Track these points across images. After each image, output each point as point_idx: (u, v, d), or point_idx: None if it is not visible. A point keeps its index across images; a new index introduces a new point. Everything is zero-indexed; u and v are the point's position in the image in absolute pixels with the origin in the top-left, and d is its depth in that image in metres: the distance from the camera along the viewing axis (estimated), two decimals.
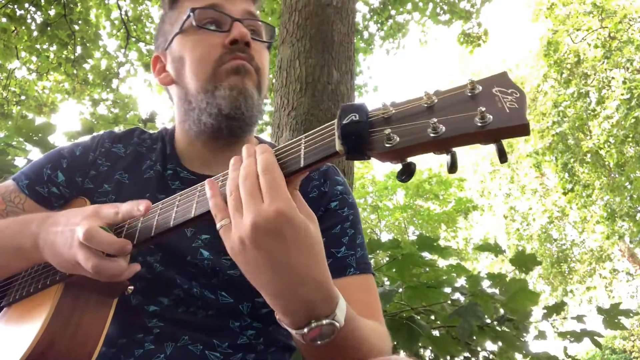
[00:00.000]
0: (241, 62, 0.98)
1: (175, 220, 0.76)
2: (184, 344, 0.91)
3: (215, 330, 0.94)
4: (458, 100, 0.58)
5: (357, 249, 1.00)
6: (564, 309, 2.46)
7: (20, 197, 1.03)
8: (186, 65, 1.00)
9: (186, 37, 1.01)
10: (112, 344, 0.90)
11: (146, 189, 1.02)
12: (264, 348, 0.98)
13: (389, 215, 15.89)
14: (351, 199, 1.07)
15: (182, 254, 0.95)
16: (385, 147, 0.58)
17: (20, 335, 0.81)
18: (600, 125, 12.20)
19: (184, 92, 1.01)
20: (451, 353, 2.20)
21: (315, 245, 0.66)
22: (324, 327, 0.67)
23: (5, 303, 0.94)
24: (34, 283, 0.90)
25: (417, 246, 2.37)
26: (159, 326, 0.91)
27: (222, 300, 0.95)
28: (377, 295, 1.01)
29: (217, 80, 0.97)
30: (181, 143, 1.09)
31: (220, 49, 0.98)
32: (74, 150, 1.09)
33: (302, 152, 0.66)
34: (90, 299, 0.83)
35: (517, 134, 0.53)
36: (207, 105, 0.97)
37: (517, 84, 0.57)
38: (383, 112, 0.61)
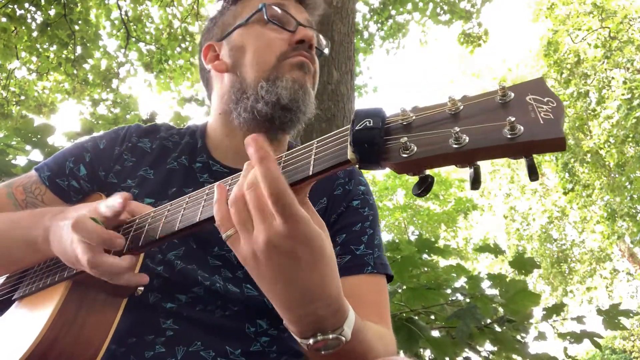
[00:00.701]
0: (306, 60, 1.02)
1: (181, 223, 0.74)
2: (196, 349, 0.90)
3: (230, 334, 0.93)
4: (486, 107, 0.52)
5: (375, 249, 1.01)
6: (563, 310, 2.46)
7: (40, 189, 1.04)
8: (247, 54, 1.03)
9: (250, 29, 1.05)
10: (122, 343, 0.89)
11: (170, 183, 1.03)
12: (276, 356, 0.97)
13: (389, 215, 15.89)
14: (372, 200, 1.10)
15: (208, 245, 0.95)
16: (401, 157, 0.53)
17: (25, 331, 0.81)
18: (600, 125, 12.20)
19: (239, 81, 1.03)
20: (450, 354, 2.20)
21: (328, 261, 0.63)
22: (330, 340, 0.66)
23: (17, 296, 0.94)
24: (44, 278, 0.90)
25: (416, 248, 2.36)
26: (173, 328, 0.91)
27: (247, 292, 0.94)
28: (387, 297, 1.02)
29: (280, 71, 1.00)
30: (217, 135, 1.09)
31: (285, 44, 1.02)
32: (97, 143, 1.08)
33: (312, 159, 0.62)
34: (97, 298, 0.83)
35: (551, 149, 0.47)
36: (267, 94, 0.98)
37: (554, 91, 0.51)
38: (402, 119, 0.56)
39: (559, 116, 0.48)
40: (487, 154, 0.50)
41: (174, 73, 7.46)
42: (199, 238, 0.96)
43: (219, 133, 1.09)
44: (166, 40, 7.22)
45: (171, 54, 7.29)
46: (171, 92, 7.70)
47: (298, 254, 0.59)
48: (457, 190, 16.31)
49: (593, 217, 14.17)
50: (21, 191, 1.04)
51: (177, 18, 7.33)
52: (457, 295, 2.50)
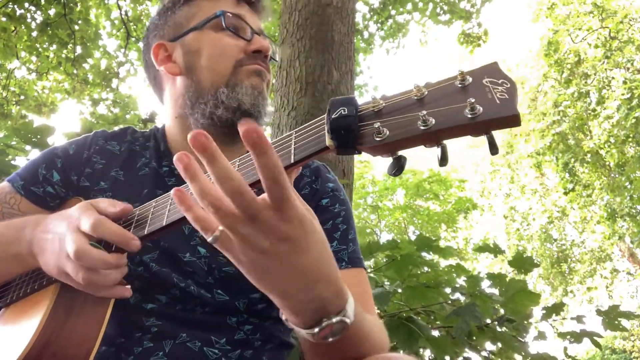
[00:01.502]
0: (262, 68, 1.05)
1: (168, 218, 0.75)
2: (182, 341, 0.91)
3: (212, 327, 0.94)
4: (448, 92, 0.57)
5: (349, 243, 1.02)
6: (563, 309, 2.46)
7: (15, 198, 1.03)
8: (202, 59, 1.03)
9: (206, 34, 1.06)
10: (111, 343, 0.90)
11: (143, 185, 1.03)
12: (261, 344, 0.98)
13: (389, 215, 15.89)
14: (342, 195, 1.09)
15: (178, 252, 0.96)
16: (375, 140, 0.57)
17: (16, 336, 0.81)
18: (600, 125, 12.20)
19: (194, 85, 1.03)
20: (450, 354, 2.20)
21: (322, 240, 0.65)
22: (335, 324, 0.66)
23: (2, 304, 0.94)
24: (31, 283, 0.89)
25: (415, 246, 2.36)
26: (156, 325, 0.92)
27: (218, 298, 0.95)
28: (369, 289, 1.03)
29: (237, 77, 1.02)
30: (176, 139, 1.09)
31: (241, 52, 1.04)
32: (67, 149, 1.09)
33: (292, 148, 0.65)
34: (87, 299, 0.83)
35: (507, 125, 0.53)
36: (227, 99, 1.00)
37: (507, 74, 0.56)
38: (373, 106, 0.60)
39: (513, 95, 0.53)
40: (452, 133, 0.55)
41: None
42: (171, 243, 0.96)
43: (178, 137, 1.09)
44: None
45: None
46: None
47: (293, 236, 0.60)
48: (457, 190, 16.31)
49: (593, 217, 14.17)
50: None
51: None
52: (456, 295, 2.50)
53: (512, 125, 0.53)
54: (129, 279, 0.83)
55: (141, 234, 0.78)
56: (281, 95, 3.18)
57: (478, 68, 0.58)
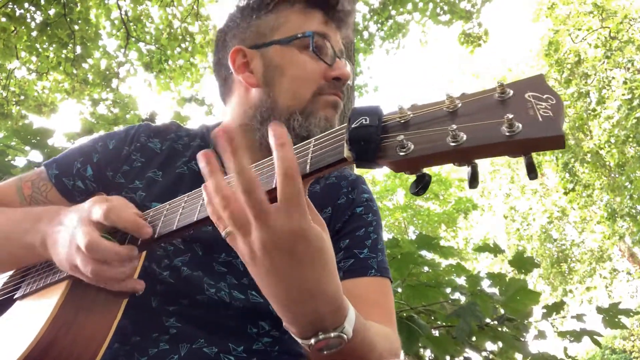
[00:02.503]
0: (339, 100, 1.02)
1: (179, 223, 0.74)
2: (200, 346, 0.90)
3: (232, 334, 0.93)
4: (485, 105, 0.51)
5: (378, 252, 1.02)
6: (563, 308, 2.46)
7: (46, 186, 1.04)
8: (284, 78, 0.99)
9: (289, 50, 1.01)
10: (126, 341, 0.89)
11: (178, 187, 1.01)
12: (277, 355, 0.97)
13: (389, 215, 15.89)
14: (375, 207, 1.11)
15: (214, 251, 0.95)
16: (398, 155, 0.52)
17: (24, 330, 0.81)
18: (600, 125, 12.20)
19: (270, 102, 0.99)
20: (451, 353, 2.19)
21: (327, 257, 0.62)
22: (332, 339, 0.65)
23: (18, 295, 0.94)
24: (44, 277, 0.90)
25: (416, 245, 2.36)
26: (176, 326, 0.91)
27: (253, 299, 0.94)
28: (392, 298, 1.02)
29: (314, 106, 0.98)
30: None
31: (321, 77, 1.00)
32: (107, 143, 1.07)
33: (309, 157, 0.61)
34: (97, 298, 0.82)
35: (550, 147, 0.47)
36: (299, 127, 0.96)
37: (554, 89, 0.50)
38: (399, 117, 0.55)
39: (558, 113, 0.47)
40: (485, 152, 0.49)
41: (174, 73, 7.46)
42: (205, 244, 0.96)
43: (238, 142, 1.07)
44: (166, 40, 7.22)
45: (171, 54, 7.29)
46: (171, 92, 7.70)
47: (296, 250, 0.59)
48: (457, 190, 16.31)
49: (593, 217, 14.17)
50: (29, 186, 1.04)
51: (177, 18, 7.33)
52: (457, 294, 2.50)
53: (555, 148, 0.47)
54: (153, 282, 0.83)
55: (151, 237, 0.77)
56: None
57: (521, 80, 0.52)
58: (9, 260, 0.96)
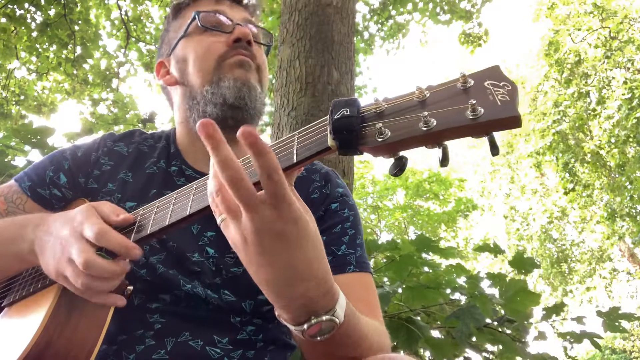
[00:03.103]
0: (245, 58, 1.04)
1: (172, 217, 0.76)
2: (185, 339, 0.91)
3: (215, 326, 0.95)
4: (450, 94, 0.58)
5: (356, 248, 1.03)
6: (563, 310, 2.46)
7: (21, 198, 1.04)
8: (190, 63, 1.06)
9: (190, 39, 1.08)
10: (112, 341, 0.90)
11: (151, 185, 1.04)
12: (263, 345, 0.99)
13: (389, 215, 15.89)
14: (351, 201, 1.11)
15: (186, 252, 0.96)
16: (377, 141, 0.58)
17: (18, 335, 0.81)
18: (601, 125, 12.20)
19: (188, 90, 1.06)
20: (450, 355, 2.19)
21: (316, 241, 0.65)
22: (324, 323, 0.67)
23: (6, 303, 0.94)
24: (34, 283, 0.90)
25: (415, 247, 2.36)
26: (160, 322, 0.92)
27: (225, 299, 0.96)
28: (375, 293, 1.03)
29: (221, 72, 1.02)
30: (184, 143, 1.12)
31: (224, 46, 1.05)
32: (75, 151, 1.10)
33: (295, 148, 0.65)
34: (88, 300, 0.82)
35: (508, 126, 0.53)
36: (212, 96, 1.01)
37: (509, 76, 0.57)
38: (375, 107, 0.61)
39: (514, 97, 0.54)
40: (453, 133, 0.55)
41: None
42: (178, 245, 0.97)
43: (185, 141, 1.11)
44: None
45: None
46: None
47: (286, 234, 0.61)
48: (457, 190, 16.31)
49: (593, 217, 14.17)
50: (2, 201, 1.04)
51: None
52: (456, 295, 2.50)
53: (512, 127, 0.53)
54: (132, 280, 0.83)
55: (143, 234, 0.79)
56: (281, 95, 3.18)
57: (480, 71, 0.59)
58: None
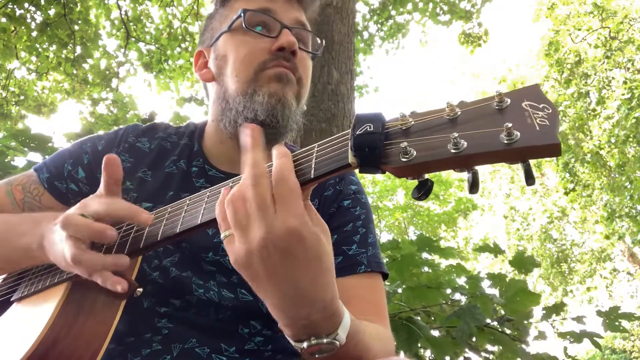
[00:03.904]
0: (285, 71, 0.96)
1: (182, 225, 0.74)
2: (192, 346, 0.90)
3: (224, 334, 0.93)
4: (483, 113, 0.53)
5: (368, 247, 1.00)
6: (563, 310, 2.46)
7: (38, 189, 1.03)
8: (229, 65, 0.99)
9: (233, 37, 1.00)
10: (120, 342, 0.90)
11: (168, 186, 1.01)
12: (271, 355, 0.97)
13: (389, 216, 15.89)
14: (364, 199, 1.08)
15: (202, 252, 0.95)
16: (401, 161, 0.54)
17: (25, 332, 0.81)
18: (600, 126, 12.21)
19: (223, 91, 1.00)
20: (450, 355, 2.19)
21: (324, 262, 0.61)
22: (324, 345, 0.64)
23: (16, 297, 0.94)
24: (43, 280, 0.90)
25: (416, 246, 2.36)
26: (168, 327, 0.91)
27: (242, 298, 0.94)
28: (384, 295, 1.01)
29: (257, 84, 0.95)
30: (212, 141, 1.07)
31: (265, 53, 0.96)
32: (96, 144, 1.07)
33: (313, 162, 0.62)
34: (97, 299, 0.83)
35: (547, 154, 0.49)
36: (244, 109, 0.95)
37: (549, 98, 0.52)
38: (401, 123, 0.57)
39: (554, 122, 0.49)
40: (485, 159, 0.51)
41: (174, 73, 7.45)
42: (193, 244, 0.95)
43: (213, 139, 1.07)
44: (166, 40, 7.21)
45: (171, 54, 7.28)
46: (171, 92, 7.70)
47: (293, 252, 0.58)
48: (457, 190, 16.31)
49: (593, 217, 14.17)
50: (20, 190, 1.03)
51: (177, 18, 7.33)
52: (457, 295, 2.50)
53: (551, 155, 0.49)
54: (143, 283, 0.83)
55: (153, 240, 0.77)
56: None
57: (517, 90, 0.54)
58: (4, 263, 0.95)
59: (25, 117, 7.63)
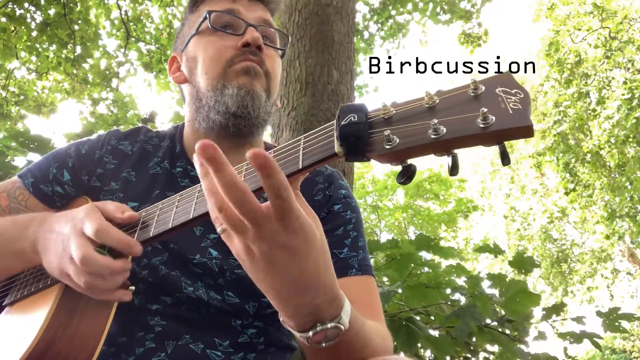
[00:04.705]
0: (251, 64, 1.00)
1: (174, 221, 0.75)
2: (185, 342, 0.91)
3: (217, 329, 0.94)
4: (460, 100, 0.56)
5: (359, 250, 1.01)
6: (563, 310, 2.46)
7: (24, 195, 1.04)
8: (199, 64, 1.03)
9: (201, 38, 1.05)
10: (112, 343, 0.90)
11: (154, 186, 1.03)
12: (264, 347, 0.98)
13: (389, 215, 15.89)
14: (354, 203, 1.09)
15: (189, 253, 0.96)
16: (384, 148, 0.56)
17: (20, 335, 0.81)
18: (600, 126, 12.21)
19: (195, 90, 1.04)
20: (451, 354, 2.19)
21: (322, 249, 0.63)
22: (329, 330, 0.66)
23: (7, 302, 0.94)
24: (36, 282, 0.90)
25: (415, 246, 2.36)
26: (160, 324, 0.91)
27: (229, 300, 0.95)
28: (378, 295, 1.02)
29: (226, 79, 0.99)
30: (190, 141, 1.10)
31: (232, 50, 1.01)
32: (80, 148, 1.09)
33: (300, 153, 0.64)
34: (91, 299, 0.82)
35: (520, 136, 0.52)
36: (216, 103, 0.99)
37: (521, 84, 0.55)
38: (383, 113, 0.59)
39: (526, 106, 0.52)
40: (463, 142, 0.54)
41: None
42: (180, 246, 0.96)
43: (191, 139, 1.10)
44: (166, 40, 7.22)
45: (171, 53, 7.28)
46: (171, 92, 7.71)
47: (292, 245, 0.59)
48: (458, 190, 16.31)
49: (593, 217, 14.17)
50: (5, 197, 1.04)
51: (177, 18, 7.33)
52: (457, 295, 2.50)
53: (525, 136, 0.52)
54: (133, 281, 0.83)
55: (146, 236, 0.78)
56: (281, 95, 3.17)
57: (491, 77, 0.57)
58: None
59: (25, 117, 7.64)
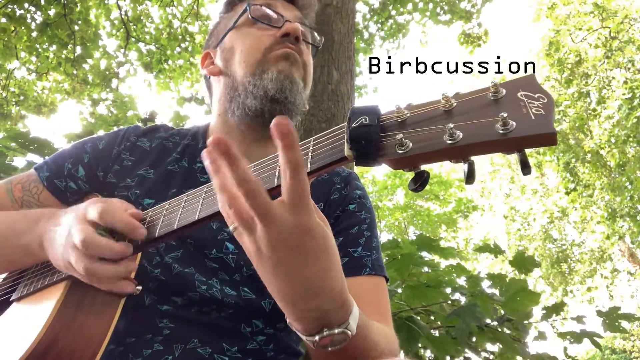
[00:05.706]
0: (291, 50, 1.02)
1: (180, 222, 0.74)
2: (194, 346, 0.90)
3: (226, 334, 0.93)
4: (479, 104, 0.53)
5: (372, 251, 1.01)
6: (563, 309, 2.46)
7: (37, 188, 1.05)
8: (236, 54, 1.05)
9: (239, 31, 1.08)
10: (120, 342, 0.90)
11: (171, 183, 1.03)
12: (273, 354, 0.97)
13: (389, 215, 15.89)
14: (369, 204, 1.10)
15: (205, 247, 0.95)
16: (397, 153, 0.54)
17: (24, 332, 0.81)
18: (601, 125, 12.21)
19: (231, 80, 1.05)
20: (451, 354, 2.19)
21: (331, 254, 0.62)
22: (336, 335, 0.65)
23: (15, 297, 0.94)
24: (42, 279, 0.90)
25: (416, 246, 2.36)
26: (169, 327, 0.91)
27: (245, 296, 0.94)
28: (387, 297, 1.02)
29: (265, 64, 1.01)
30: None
31: (271, 39, 1.03)
32: (97, 144, 1.09)
33: (309, 156, 0.62)
34: (96, 298, 0.82)
35: (542, 143, 0.48)
36: (254, 88, 1.00)
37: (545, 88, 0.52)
38: (397, 116, 0.57)
39: (549, 111, 0.49)
40: (481, 149, 0.51)
41: (174, 73, 7.46)
42: (197, 240, 0.96)
43: (221, 133, 1.08)
44: (166, 40, 7.22)
45: (171, 53, 7.28)
46: (171, 92, 7.70)
47: (302, 246, 0.58)
48: (458, 190, 16.31)
49: (593, 217, 14.17)
50: (19, 189, 1.05)
51: (177, 18, 7.33)
52: (457, 295, 2.50)
53: (547, 144, 0.48)
54: (145, 280, 0.83)
55: (151, 237, 0.78)
56: None
57: (513, 80, 0.54)
58: (5, 262, 0.96)
59: (25, 118, 7.64)
